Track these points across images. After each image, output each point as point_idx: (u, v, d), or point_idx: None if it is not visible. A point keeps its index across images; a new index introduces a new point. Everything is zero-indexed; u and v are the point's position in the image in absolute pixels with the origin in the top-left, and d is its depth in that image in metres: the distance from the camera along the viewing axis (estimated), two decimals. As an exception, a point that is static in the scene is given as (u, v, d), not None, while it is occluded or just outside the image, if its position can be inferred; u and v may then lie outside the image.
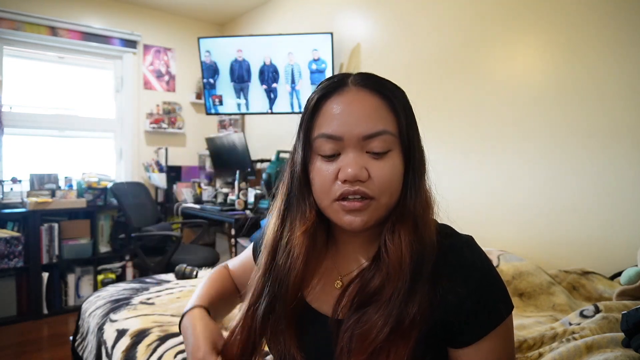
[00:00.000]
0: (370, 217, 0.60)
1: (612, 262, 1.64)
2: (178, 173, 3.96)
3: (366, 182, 0.59)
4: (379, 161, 0.60)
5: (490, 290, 0.60)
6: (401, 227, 0.60)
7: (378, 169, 0.59)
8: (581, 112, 1.75)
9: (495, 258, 1.71)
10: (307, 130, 0.64)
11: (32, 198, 3.08)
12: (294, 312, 0.65)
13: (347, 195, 0.59)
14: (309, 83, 2.94)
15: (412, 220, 0.60)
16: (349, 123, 0.60)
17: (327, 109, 0.62)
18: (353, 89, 0.62)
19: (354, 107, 0.60)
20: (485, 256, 0.62)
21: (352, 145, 0.60)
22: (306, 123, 0.64)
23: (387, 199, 0.60)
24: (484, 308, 0.58)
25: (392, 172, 0.60)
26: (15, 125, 3.24)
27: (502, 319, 0.59)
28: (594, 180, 1.71)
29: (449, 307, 0.58)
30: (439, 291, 0.58)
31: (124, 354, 1.28)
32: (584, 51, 1.73)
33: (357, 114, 0.60)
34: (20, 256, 2.98)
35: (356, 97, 0.61)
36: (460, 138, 2.20)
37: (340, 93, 0.62)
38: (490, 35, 2.06)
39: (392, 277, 0.58)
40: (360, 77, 0.64)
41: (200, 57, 3.15)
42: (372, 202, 0.59)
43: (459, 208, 2.12)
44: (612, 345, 0.91)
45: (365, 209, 0.59)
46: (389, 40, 2.58)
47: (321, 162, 0.62)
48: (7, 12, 3.11)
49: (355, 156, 0.59)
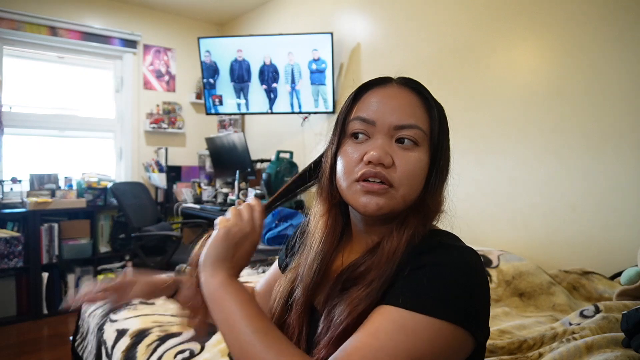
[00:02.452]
0: (386, 204, 0.60)
1: (612, 262, 1.64)
2: (178, 173, 3.96)
3: (389, 169, 0.60)
4: (406, 152, 0.61)
5: (440, 276, 0.53)
6: (409, 223, 0.61)
7: (403, 159, 0.60)
8: (581, 112, 1.75)
9: (496, 258, 1.71)
10: (345, 115, 0.66)
11: (32, 198, 3.08)
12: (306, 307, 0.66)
13: (367, 176, 0.60)
14: (309, 83, 2.94)
15: (422, 220, 0.61)
16: (384, 111, 0.62)
17: (367, 98, 0.65)
18: (395, 85, 0.66)
19: (392, 99, 0.63)
20: (465, 260, 0.55)
21: (383, 132, 0.61)
22: (345, 109, 0.67)
23: (406, 190, 0.60)
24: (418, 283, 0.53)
25: (416, 165, 0.61)
26: (15, 125, 3.24)
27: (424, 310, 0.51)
28: (594, 180, 1.71)
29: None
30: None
31: (124, 354, 1.28)
32: (584, 51, 1.73)
33: (393, 105, 0.62)
34: (20, 256, 2.98)
35: (395, 92, 0.64)
36: (460, 137, 2.20)
37: (382, 87, 0.66)
38: (490, 36, 2.06)
39: (381, 264, 0.58)
40: (404, 78, 0.68)
41: (200, 57, 3.15)
42: (390, 190, 0.60)
43: (458, 208, 2.12)
44: (612, 345, 0.91)
45: (382, 194, 0.59)
46: (389, 40, 2.58)
47: (350, 145, 0.64)
48: (7, 12, 3.11)
49: (383, 142, 0.61)
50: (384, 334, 0.50)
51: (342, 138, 0.66)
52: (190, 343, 1.28)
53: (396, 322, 0.51)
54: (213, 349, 1.23)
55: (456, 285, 0.52)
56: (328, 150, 0.69)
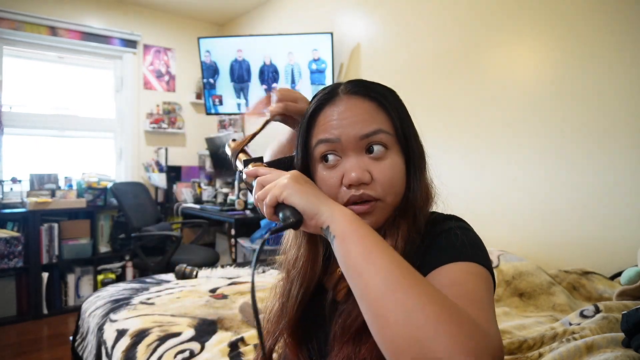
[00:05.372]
0: (379, 218, 0.62)
1: (612, 262, 1.64)
2: (178, 173, 3.96)
3: (370, 185, 0.60)
4: (380, 162, 0.61)
5: (458, 236, 0.58)
6: (402, 220, 0.61)
7: (380, 171, 0.61)
8: (580, 112, 1.75)
9: (495, 258, 1.71)
10: (305, 141, 0.66)
11: (32, 198, 3.08)
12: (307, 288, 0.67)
13: (354, 201, 0.60)
14: (309, 83, 2.94)
15: (413, 214, 0.62)
16: (344, 126, 0.61)
17: (322, 119, 0.64)
18: (344, 97, 0.64)
19: (347, 113, 0.62)
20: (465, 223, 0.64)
21: (351, 148, 0.61)
22: (304, 135, 0.66)
23: (393, 198, 0.62)
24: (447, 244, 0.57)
25: (394, 171, 0.62)
26: (15, 125, 3.24)
27: (469, 259, 0.55)
28: (594, 180, 1.71)
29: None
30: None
31: (124, 354, 1.28)
32: (583, 51, 1.73)
33: (351, 119, 0.61)
34: (20, 256, 2.98)
35: (348, 105, 0.63)
36: (459, 138, 2.20)
37: (332, 103, 0.64)
38: (490, 36, 2.06)
39: None
40: (349, 84, 0.65)
41: (200, 57, 3.15)
42: (378, 204, 0.61)
43: (458, 208, 2.12)
44: (612, 345, 0.91)
45: (372, 211, 0.61)
46: (389, 40, 2.58)
47: (324, 170, 0.63)
48: (7, 12, 3.11)
49: (357, 159, 0.61)
50: (460, 282, 0.52)
51: (309, 162, 0.65)
52: (190, 343, 1.28)
53: (461, 271, 0.53)
54: (213, 349, 1.23)
55: (477, 240, 0.60)
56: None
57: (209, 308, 1.55)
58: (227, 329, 1.39)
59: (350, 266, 0.49)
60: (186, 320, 1.44)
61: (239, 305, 1.53)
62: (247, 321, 1.45)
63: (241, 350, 1.21)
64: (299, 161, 0.66)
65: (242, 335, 1.31)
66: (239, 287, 1.79)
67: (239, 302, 1.58)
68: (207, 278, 2.00)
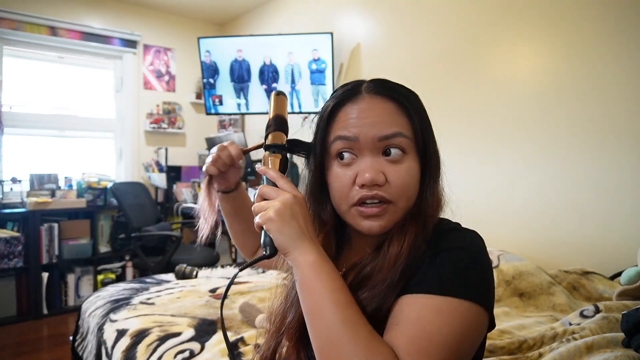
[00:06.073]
0: (389, 222, 0.61)
1: (612, 262, 1.63)
2: (178, 173, 3.96)
3: (384, 187, 0.60)
4: (396, 165, 0.60)
5: (461, 260, 0.55)
6: (410, 227, 0.60)
7: (395, 173, 0.60)
8: (581, 112, 1.75)
9: (495, 258, 1.71)
10: (323, 135, 0.65)
11: (32, 198, 3.08)
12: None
13: (365, 200, 0.60)
14: (309, 83, 2.94)
15: (423, 221, 0.61)
16: (364, 125, 0.60)
17: (342, 115, 0.63)
18: (366, 96, 0.63)
19: (368, 113, 0.61)
20: (478, 243, 0.59)
21: (369, 149, 0.60)
22: (322, 129, 0.65)
23: (405, 202, 0.61)
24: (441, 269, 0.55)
25: (409, 175, 0.61)
26: (15, 125, 3.24)
27: (453, 293, 0.53)
28: (594, 180, 1.71)
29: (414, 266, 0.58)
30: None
31: (124, 354, 1.28)
32: (584, 51, 1.73)
33: (371, 119, 0.61)
34: (20, 256, 2.98)
35: (370, 104, 0.62)
36: (460, 138, 2.20)
37: (354, 100, 0.63)
38: (490, 36, 2.06)
39: (384, 269, 0.58)
40: (373, 84, 0.64)
41: (200, 57, 3.15)
42: (390, 207, 0.60)
43: (458, 208, 2.12)
44: (612, 345, 0.91)
45: (383, 214, 0.60)
46: (389, 40, 2.58)
47: (338, 167, 0.63)
48: (7, 12, 3.11)
49: (373, 160, 0.60)
50: (425, 321, 0.52)
51: (325, 158, 0.65)
52: (190, 343, 1.28)
53: (433, 308, 0.52)
54: (213, 349, 1.23)
55: (474, 268, 0.56)
56: (312, 172, 0.67)
57: (209, 308, 1.56)
58: (227, 329, 1.39)
59: (303, 309, 0.55)
60: (186, 320, 1.44)
61: (239, 305, 1.53)
62: (247, 321, 1.45)
63: (241, 350, 1.21)
64: (316, 155, 0.66)
65: (242, 335, 1.31)
66: (239, 287, 1.79)
67: (239, 302, 1.58)
68: (207, 278, 2.00)
